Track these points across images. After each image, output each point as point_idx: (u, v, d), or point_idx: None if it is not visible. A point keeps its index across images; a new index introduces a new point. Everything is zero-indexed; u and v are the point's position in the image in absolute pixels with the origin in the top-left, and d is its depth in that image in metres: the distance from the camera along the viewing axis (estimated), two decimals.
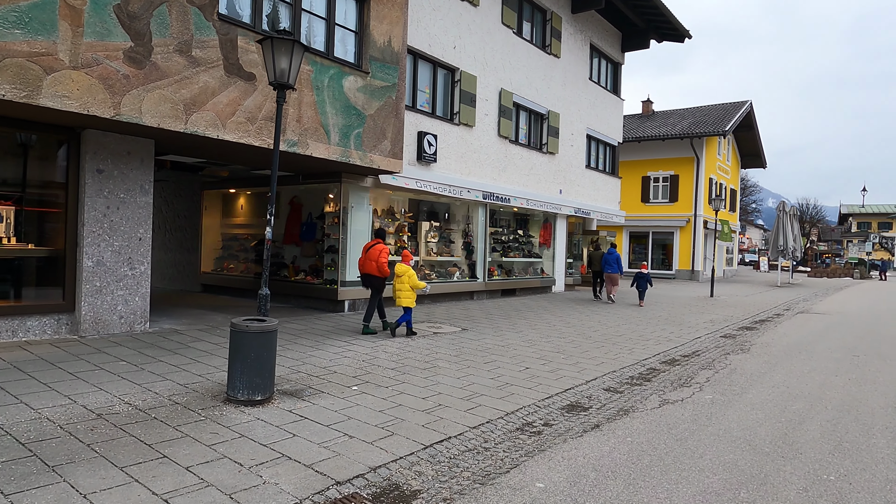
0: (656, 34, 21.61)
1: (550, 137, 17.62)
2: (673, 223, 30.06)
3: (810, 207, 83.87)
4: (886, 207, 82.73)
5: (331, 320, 10.33)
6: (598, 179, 20.67)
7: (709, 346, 9.92)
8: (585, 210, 19.39)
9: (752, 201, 63.32)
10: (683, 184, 29.98)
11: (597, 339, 9.86)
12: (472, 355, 7.98)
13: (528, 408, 5.68)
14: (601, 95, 20.63)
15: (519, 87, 16.15)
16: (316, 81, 9.19)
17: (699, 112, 32.98)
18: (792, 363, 8.41)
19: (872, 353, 9.45)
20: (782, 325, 13.15)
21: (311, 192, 12.30)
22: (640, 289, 16.14)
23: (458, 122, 13.98)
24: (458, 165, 14.03)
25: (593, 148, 20.72)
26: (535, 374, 7.07)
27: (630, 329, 11.27)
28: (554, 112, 17.72)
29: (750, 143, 35.67)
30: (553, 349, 8.76)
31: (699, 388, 6.71)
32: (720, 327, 12.24)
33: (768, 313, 15.54)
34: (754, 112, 32.99)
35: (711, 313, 14.78)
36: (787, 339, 10.75)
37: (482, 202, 14.78)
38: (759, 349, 9.61)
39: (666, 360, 8.45)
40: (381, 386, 6.13)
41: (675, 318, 13.30)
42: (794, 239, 29.32)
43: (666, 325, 12.08)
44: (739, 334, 11.41)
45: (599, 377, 7.14)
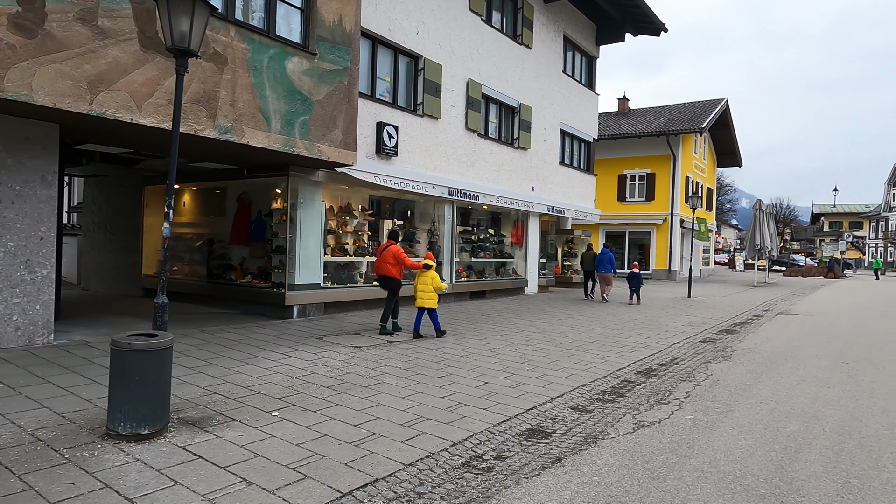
0: (632, 27, 20.96)
1: (522, 132, 16.81)
2: (649, 222, 29.54)
3: (783, 207, 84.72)
4: (857, 207, 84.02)
5: (275, 328, 9.33)
6: (572, 176, 19.93)
7: (688, 352, 9.16)
8: (559, 208, 18.63)
9: (727, 201, 63.55)
10: (660, 182, 29.48)
11: (568, 347, 9.03)
12: (426, 368, 7.07)
13: (479, 435, 4.80)
14: (575, 89, 19.90)
15: (488, 77, 15.29)
16: (254, 61, 8.20)
17: (675, 110, 32.56)
18: (779, 372, 7.66)
19: (862, 359, 8.77)
20: (763, 327, 12.50)
21: (260, 187, 11.28)
22: (632, 287, 16.26)
23: (422, 113, 13.07)
24: (423, 160, 13.12)
25: (567, 144, 19.98)
26: (495, 391, 6.19)
27: (604, 334, 10.48)
28: (526, 105, 16.92)
29: (726, 142, 35.39)
30: (518, 359, 7.90)
31: (679, 406, 5.89)
32: (699, 331, 11.52)
33: (747, 315, 14.92)
34: (730, 110, 32.68)
35: (690, 315, 14.09)
36: (771, 344, 10.05)
37: (449, 199, 13.88)
38: (742, 356, 8.87)
39: (642, 370, 7.65)
40: (308, 410, 5.19)
41: (651, 321, 12.57)
42: (770, 238, 29.01)
43: (642, 329, 11.32)
44: (720, 338, 10.69)
45: (567, 392, 6.29)
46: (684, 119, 29.74)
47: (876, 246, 69.93)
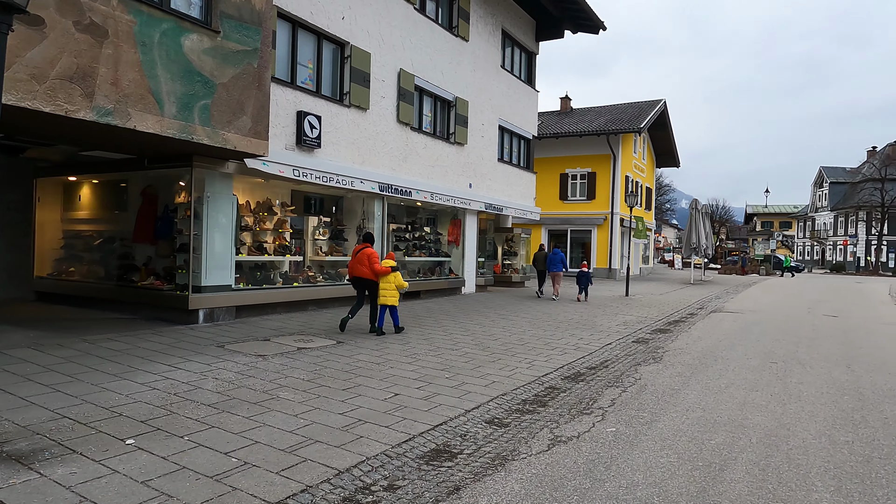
0: (571, 24, 20.81)
1: (458, 127, 16.28)
2: (591, 221, 29.67)
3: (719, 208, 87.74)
4: (787, 208, 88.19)
5: (173, 335, 8.40)
6: (511, 174, 19.57)
7: (619, 354, 8.81)
8: (498, 206, 18.22)
9: (666, 201, 65.29)
10: (600, 181, 29.65)
11: (495, 351, 8.51)
12: (333, 379, 6.37)
13: (373, 460, 4.16)
14: (514, 85, 19.54)
15: (422, 69, 14.67)
16: (142, 36, 7.27)
17: (616, 110, 32.88)
18: (707, 375, 7.37)
19: (790, 358, 8.63)
20: (696, 326, 12.39)
21: (165, 179, 10.27)
22: (581, 285, 16.60)
23: (349, 103, 12.32)
24: (350, 153, 12.37)
25: (506, 140, 19.61)
26: (404, 404, 5.56)
27: (536, 336, 10.04)
28: (462, 99, 16.40)
29: (664, 142, 36.06)
30: (439, 365, 7.31)
31: (601, 417, 5.43)
32: (633, 330, 11.26)
33: (682, 313, 14.88)
34: (668, 111, 33.28)
35: (626, 314, 13.90)
36: (702, 344, 9.85)
37: (379, 195, 13.18)
38: (673, 357, 8.57)
39: (569, 375, 7.20)
40: (173, 436, 4.42)
41: (587, 321, 12.26)
42: (706, 237, 29.63)
43: (576, 330, 10.96)
44: (652, 338, 10.44)
45: (485, 403, 5.74)
46: (624, 119, 30.03)
47: (804, 245, 73.46)
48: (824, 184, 65.96)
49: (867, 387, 6.87)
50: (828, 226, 65.27)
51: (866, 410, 5.79)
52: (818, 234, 67.44)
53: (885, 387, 6.87)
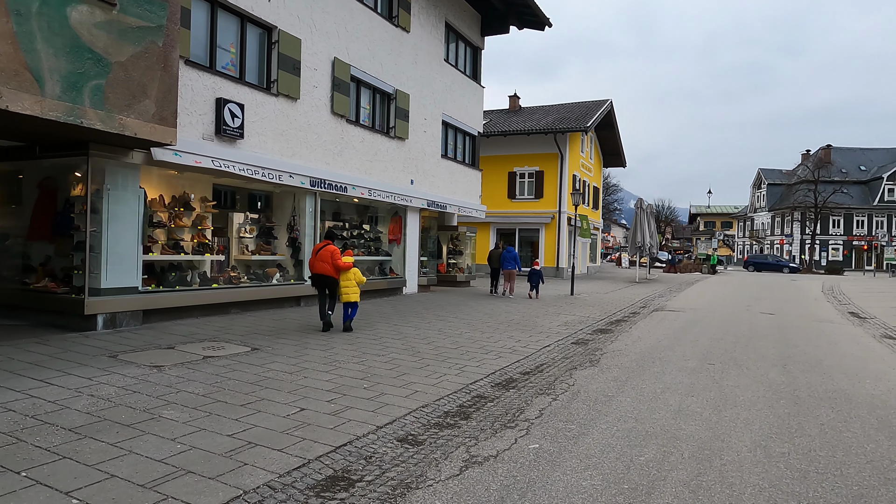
0: (516, 19, 20.50)
1: (399, 120, 15.67)
2: (538, 220, 29.59)
3: (665, 208, 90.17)
4: (728, 208, 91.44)
5: (61, 344, 7.48)
6: (456, 171, 19.10)
7: (556, 357, 8.40)
8: (441, 203, 17.70)
9: (614, 200, 66.49)
10: (548, 180, 29.61)
11: (426, 356, 7.96)
12: (233, 393, 5.67)
13: (250, 494, 3.52)
14: (459, 80, 19.07)
15: (359, 59, 13.98)
16: (17, 4, 6.36)
17: (564, 109, 32.95)
18: (644, 379, 7.02)
19: (728, 359, 8.42)
20: (637, 325, 12.19)
21: (63, 170, 9.25)
22: (532, 283, 17.14)
23: (277, 92, 11.53)
24: (278, 145, 11.58)
25: (451, 136, 19.12)
26: (308, 420, 4.94)
27: (473, 339, 9.54)
28: (403, 92, 15.79)
29: (611, 142, 36.43)
30: (360, 374, 6.70)
31: (526, 431, 4.94)
32: (574, 331, 10.93)
33: (625, 312, 14.73)
34: (615, 111, 33.58)
35: (568, 314, 13.61)
36: (641, 345, 9.57)
37: (311, 190, 12.43)
38: (610, 359, 8.23)
39: (500, 382, 6.71)
40: (8, 471, 3.65)
41: (528, 322, 11.87)
42: (651, 235, 29.99)
43: (515, 331, 10.54)
44: (592, 339, 10.11)
45: (401, 418, 5.17)
46: (571, 118, 30.07)
47: (744, 243, 76.19)
48: (762, 185, 68.54)
49: (803, 389, 6.65)
50: (766, 225, 67.85)
51: (802, 416, 5.52)
52: (757, 234, 70.04)
53: (820, 389, 6.67)
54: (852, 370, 7.85)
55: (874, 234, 58.89)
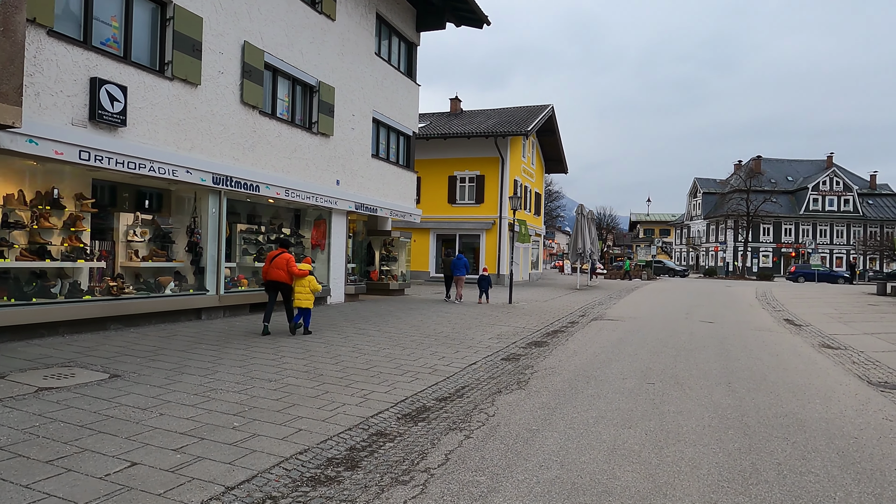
0: (453, 16, 19.62)
1: (323, 115, 14.41)
2: (479, 225, 28.81)
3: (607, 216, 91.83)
4: (666, 216, 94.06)
5: None
6: (388, 172, 17.96)
7: (482, 377, 7.40)
8: (371, 206, 16.52)
9: (557, 207, 66.87)
10: (489, 185, 28.88)
11: (329, 380, 6.78)
12: (49, 442, 4.34)
13: None
14: (392, 76, 17.98)
15: (275, 45, 12.67)
16: None
17: (505, 113, 32.40)
18: (576, 405, 6.08)
19: (668, 376, 7.63)
20: (574, 337, 11.38)
21: None
22: (482, 288, 17.72)
23: (172, 75, 10.10)
24: (173, 135, 10.14)
25: (383, 135, 17.98)
26: (132, 483, 3.69)
27: (391, 356, 8.42)
28: (327, 85, 14.55)
29: (553, 148, 36.18)
30: (236, 407, 5.46)
31: (421, 488, 3.85)
32: (506, 345, 9.99)
33: (563, 321, 13.96)
34: (556, 117, 33.28)
35: (504, 324, 12.70)
36: (577, 360, 8.70)
37: (214, 188, 11.02)
38: (541, 380, 7.28)
39: (409, 413, 5.63)
40: None
41: (457, 335, 10.85)
42: (591, 242, 29.73)
43: (441, 346, 9.49)
44: (525, 354, 9.18)
45: (265, 471, 4.00)
46: (513, 122, 29.49)
47: (681, 250, 78.25)
48: (698, 194, 70.58)
49: (752, 414, 5.87)
50: (701, 233, 69.85)
51: (756, 454, 4.67)
52: (693, 241, 72.03)
53: (769, 413, 5.90)
54: (799, 387, 7.19)
55: (801, 241, 61.49)
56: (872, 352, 10.34)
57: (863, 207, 62.20)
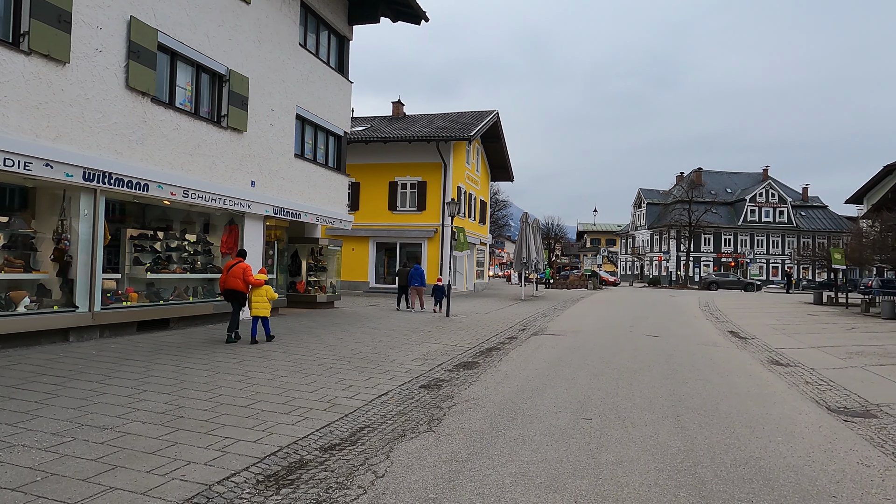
0: (389, 10, 18.39)
1: (235, 108, 12.85)
2: (421, 233, 27.56)
3: (555, 226, 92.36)
4: (612, 226, 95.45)
5: None
6: (315, 174, 16.48)
7: (389, 413, 6.10)
8: (294, 211, 15.00)
9: (505, 215, 66.44)
10: (431, 191, 27.70)
11: (187, 424, 5.32)
12: None
13: None
14: (320, 71, 16.56)
15: (172, 24, 11.08)
16: None
17: (449, 118, 31.38)
18: (493, 455, 4.85)
19: (608, 408, 6.51)
20: (510, 355, 10.24)
21: None
22: (437, 298, 17.96)
23: (29, 49, 8.41)
24: (30, 121, 8.43)
25: (309, 134, 16.51)
26: None
27: (285, 386, 7.01)
28: (240, 75, 13.01)
29: (498, 155, 35.41)
30: (29, 473, 3.95)
31: None
32: (431, 367, 8.73)
33: (501, 337, 12.83)
34: (501, 123, 32.49)
35: (435, 341, 11.44)
36: (506, 388, 7.51)
37: (88, 186, 9.32)
38: (459, 416, 6.03)
39: (273, 474, 4.27)
40: None
41: (377, 356, 9.51)
42: (536, 251, 28.95)
43: (353, 372, 8.13)
44: (449, 380, 7.94)
45: None
46: (456, 127, 28.46)
47: (626, 260, 79.27)
48: (642, 204, 71.66)
49: (706, 462, 4.78)
50: (645, 243, 70.86)
51: None
52: (638, 251, 73.01)
53: (727, 460, 4.83)
54: (755, 419, 6.21)
55: (740, 251, 63.11)
56: (823, 369, 9.63)
57: (796, 219, 64.45)
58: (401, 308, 18.67)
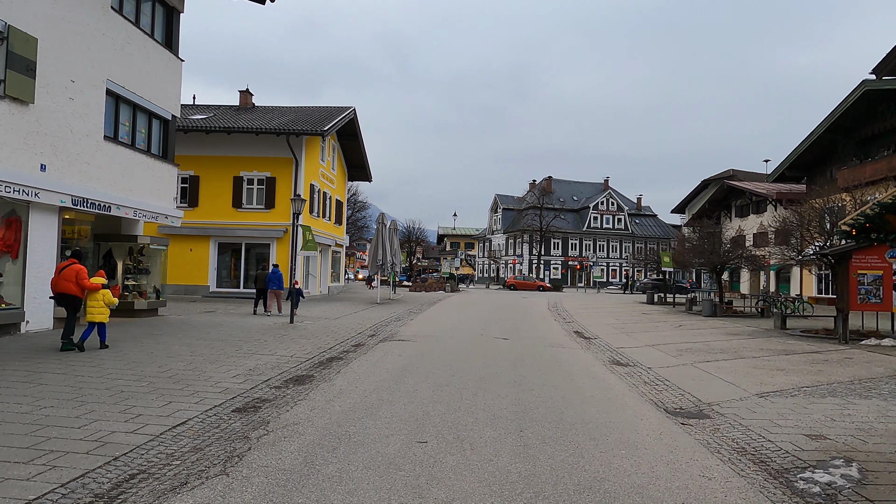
0: None
1: (15, 74, 10.45)
2: (270, 233, 25.53)
3: (416, 229, 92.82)
4: (470, 230, 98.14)
5: None
6: (133, 161, 14.21)
7: (181, 448, 4.86)
8: (102, 203, 12.71)
9: (364, 216, 65.17)
10: (282, 188, 25.79)
11: None
12: None
13: None
14: (141, 42, 14.32)
15: None
16: None
17: (303, 112, 29.62)
18: None
19: (448, 427, 5.78)
20: (351, 366, 9.26)
21: None
22: (294, 301, 16.32)
23: None
24: None
25: (126, 115, 14.20)
26: None
27: (46, 419, 5.43)
28: (24, 34, 10.62)
29: (356, 154, 34.22)
30: None
31: None
32: (254, 385, 7.48)
33: (347, 344, 11.80)
34: (358, 120, 31.35)
35: (268, 352, 10.10)
36: (337, 407, 6.52)
37: None
38: (267, 450, 4.92)
39: None
40: None
41: (189, 373, 8.02)
42: (393, 253, 28.22)
43: (150, 395, 6.65)
44: (273, 399, 6.77)
45: None
46: (310, 121, 26.82)
47: (483, 263, 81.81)
48: (498, 209, 74.42)
49: (548, 487, 4.19)
50: (501, 246, 73.62)
51: None
52: (494, 254, 75.65)
53: (570, 485, 4.28)
54: (599, 428, 5.85)
55: (584, 255, 67.88)
56: (659, 368, 9.87)
57: (632, 226, 70.82)
58: (258, 312, 17.77)
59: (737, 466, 4.79)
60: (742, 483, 4.39)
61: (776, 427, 5.98)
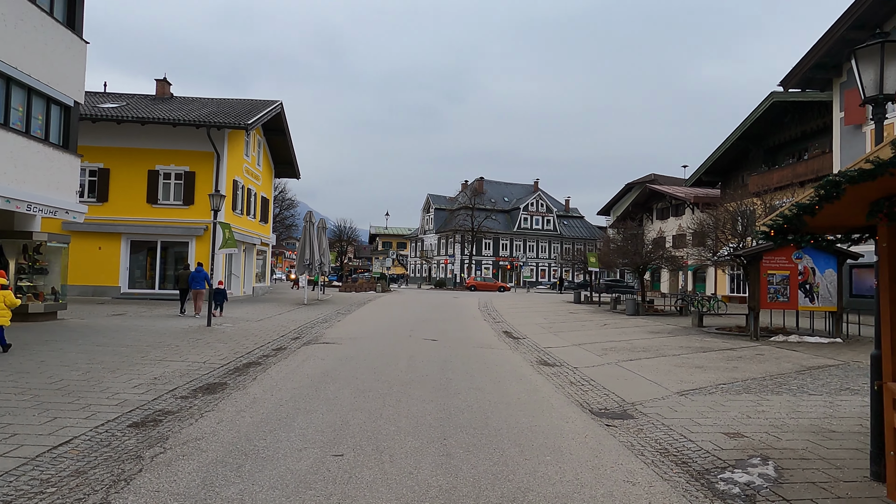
0: None
1: None
2: (188, 231, 24.14)
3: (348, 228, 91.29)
4: (403, 230, 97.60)
5: None
6: (27, 151, 12.91)
7: (61, 471, 4.31)
8: None
9: (292, 214, 63.30)
10: (201, 184, 24.45)
11: None
12: None
13: None
14: (37, 20, 13.04)
15: None
16: None
17: (226, 104, 28.27)
18: None
19: (367, 437, 5.43)
20: (269, 372, 8.71)
21: None
22: (217, 302, 16.80)
23: None
24: None
25: (18, 98, 12.89)
26: None
27: None
28: None
29: (283, 150, 33.04)
30: None
31: None
32: (155, 396, 6.83)
33: (268, 348, 11.18)
34: (286, 115, 30.26)
35: (178, 359, 9.37)
36: (248, 418, 6.03)
37: None
38: (161, 471, 4.41)
39: None
40: None
41: (84, 383, 7.25)
42: (321, 253, 27.44)
43: (32, 410, 5.94)
44: (177, 411, 6.19)
45: None
46: (233, 114, 25.58)
47: (415, 262, 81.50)
48: (431, 209, 74.34)
49: (470, 501, 3.94)
50: (433, 246, 73.58)
51: None
52: (426, 254, 75.52)
53: (492, 498, 4.05)
54: (524, 433, 5.69)
55: (515, 255, 68.94)
56: (584, 367, 9.92)
57: (560, 227, 72.61)
58: (185, 313, 17.25)
59: (660, 469, 4.74)
60: (665, 487, 4.32)
61: (696, 426, 6.04)
